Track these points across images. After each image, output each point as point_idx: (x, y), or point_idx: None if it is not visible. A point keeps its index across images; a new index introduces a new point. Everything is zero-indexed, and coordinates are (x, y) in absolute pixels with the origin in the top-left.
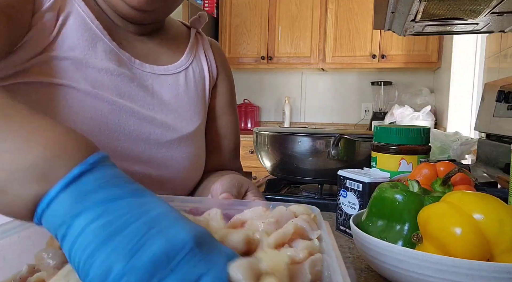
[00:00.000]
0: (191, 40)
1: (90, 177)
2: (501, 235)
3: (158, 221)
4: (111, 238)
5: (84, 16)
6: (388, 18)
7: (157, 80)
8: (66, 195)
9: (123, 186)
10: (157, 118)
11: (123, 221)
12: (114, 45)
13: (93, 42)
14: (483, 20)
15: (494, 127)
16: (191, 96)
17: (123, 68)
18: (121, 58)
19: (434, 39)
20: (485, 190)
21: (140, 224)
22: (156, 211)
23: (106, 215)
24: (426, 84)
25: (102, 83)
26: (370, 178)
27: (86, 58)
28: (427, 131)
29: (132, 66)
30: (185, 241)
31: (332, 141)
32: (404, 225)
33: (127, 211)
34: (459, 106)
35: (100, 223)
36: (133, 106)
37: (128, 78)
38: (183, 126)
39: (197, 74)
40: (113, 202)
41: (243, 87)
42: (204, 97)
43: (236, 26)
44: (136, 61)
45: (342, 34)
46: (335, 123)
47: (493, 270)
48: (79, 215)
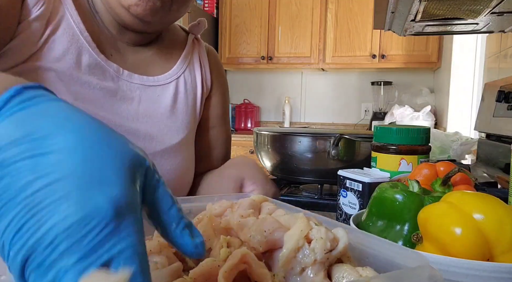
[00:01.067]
0: (187, 47)
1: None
2: (501, 235)
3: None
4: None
5: (74, 27)
6: (388, 18)
7: (146, 91)
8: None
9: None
10: (140, 131)
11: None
12: (102, 58)
13: (79, 55)
14: (483, 20)
15: (494, 127)
16: (179, 107)
17: (107, 82)
18: (107, 70)
19: (434, 39)
20: (485, 190)
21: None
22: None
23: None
24: (426, 84)
25: (84, 97)
26: (370, 178)
27: (70, 70)
28: (427, 131)
29: (119, 78)
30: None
31: (332, 141)
32: (404, 225)
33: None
34: (459, 106)
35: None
36: (115, 119)
37: (112, 92)
38: (167, 138)
39: (188, 83)
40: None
41: (243, 87)
42: (195, 107)
43: (236, 26)
44: (124, 72)
45: (342, 34)
46: (335, 123)
47: (493, 270)
48: None
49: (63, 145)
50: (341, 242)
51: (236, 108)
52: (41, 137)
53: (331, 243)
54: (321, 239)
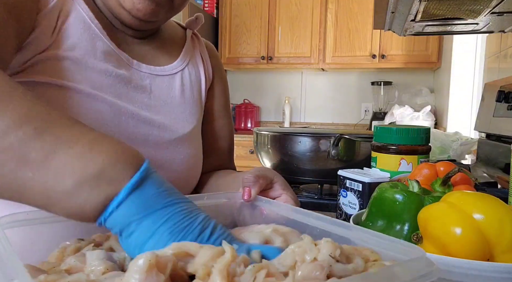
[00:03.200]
0: (187, 42)
1: (149, 183)
2: (501, 235)
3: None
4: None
5: (84, 15)
6: (388, 18)
7: (155, 81)
8: (134, 199)
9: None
10: (154, 120)
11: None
12: (113, 46)
13: (93, 42)
14: (483, 20)
15: (494, 127)
16: (186, 98)
17: (121, 69)
18: (120, 58)
19: (434, 39)
20: (485, 190)
21: (198, 224)
22: (202, 215)
23: (172, 219)
24: (426, 84)
25: (101, 85)
26: (370, 178)
27: (86, 58)
28: (427, 131)
29: (130, 67)
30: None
31: (332, 141)
32: (404, 225)
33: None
34: (459, 106)
35: (170, 225)
36: (131, 107)
37: (126, 79)
38: (179, 127)
39: (193, 76)
40: (172, 207)
41: (243, 87)
42: (200, 99)
43: (236, 26)
44: (134, 61)
45: (342, 34)
46: (335, 123)
47: (493, 270)
48: (148, 217)
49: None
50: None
51: (236, 108)
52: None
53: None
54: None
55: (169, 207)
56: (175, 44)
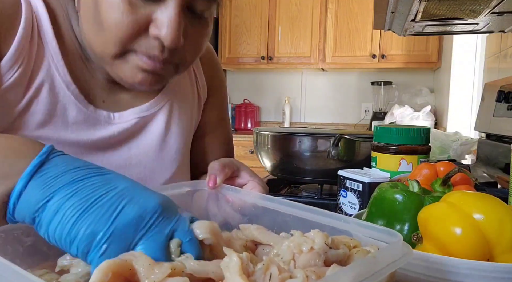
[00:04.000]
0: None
1: (50, 165)
2: (501, 235)
3: (127, 193)
4: (89, 210)
5: (59, 82)
6: (388, 18)
7: (138, 123)
8: (34, 185)
9: (84, 168)
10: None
11: (96, 196)
12: (91, 109)
13: (65, 114)
14: (483, 20)
15: (494, 127)
16: (174, 131)
17: (98, 132)
18: (97, 121)
19: (434, 39)
20: (485, 190)
21: (112, 196)
22: (123, 185)
23: (78, 194)
24: (426, 84)
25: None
26: (370, 178)
27: (57, 133)
28: (427, 131)
29: (111, 124)
30: (155, 206)
31: (332, 141)
32: (404, 225)
33: (96, 187)
34: (459, 106)
35: (75, 200)
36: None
37: (103, 142)
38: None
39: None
40: (81, 182)
41: (243, 87)
42: (190, 126)
43: (236, 26)
44: (115, 115)
45: (342, 34)
46: (335, 123)
47: (493, 270)
48: (52, 198)
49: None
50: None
51: (236, 108)
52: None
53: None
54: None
55: (75, 183)
56: None
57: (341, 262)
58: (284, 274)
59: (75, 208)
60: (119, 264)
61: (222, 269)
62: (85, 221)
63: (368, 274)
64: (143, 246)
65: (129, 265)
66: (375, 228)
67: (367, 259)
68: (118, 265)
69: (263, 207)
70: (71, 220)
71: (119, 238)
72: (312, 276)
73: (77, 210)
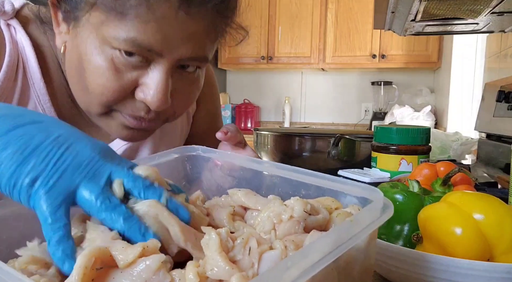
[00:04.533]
0: None
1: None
2: (501, 235)
3: (63, 140)
4: (28, 158)
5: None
6: (388, 18)
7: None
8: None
9: (19, 116)
10: None
11: (32, 145)
12: None
13: None
14: (483, 20)
15: (494, 127)
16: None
17: None
18: None
19: (434, 39)
20: (485, 190)
21: (48, 144)
22: (58, 132)
23: (13, 143)
24: (426, 84)
25: None
26: (370, 178)
27: None
28: (427, 131)
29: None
30: (92, 154)
31: (332, 141)
32: (404, 225)
33: (31, 136)
34: (459, 106)
35: (10, 152)
36: None
37: None
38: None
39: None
40: (14, 130)
41: (243, 87)
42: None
43: None
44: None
45: (342, 34)
46: (335, 123)
47: (493, 270)
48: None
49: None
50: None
51: (236, 108)
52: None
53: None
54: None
55: (6, 133)
56: None
57: (321, 227)
58: (263, 247)
59: (11, 159)
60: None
61: (203, 247)
62: (24, 170)
63: (345, 239)
64: (83, 188)
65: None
66: (358, 186)
67: (345, 224)
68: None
69: (251, 169)
70: (9, 170)
71: (58, 183)
72: (291, 246)
73: (14, 160)
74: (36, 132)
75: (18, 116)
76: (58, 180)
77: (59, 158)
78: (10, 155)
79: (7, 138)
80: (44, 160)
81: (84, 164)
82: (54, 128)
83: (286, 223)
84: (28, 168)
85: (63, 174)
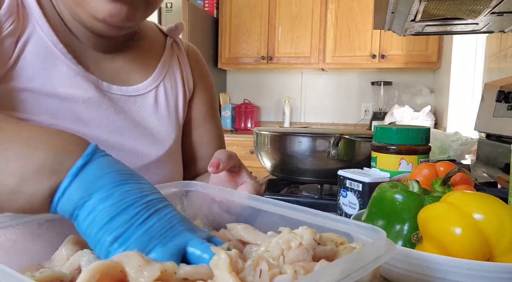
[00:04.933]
0: (166, 51)
1: (92, 166)
2: (501, 235)
3: (152, 204)
4: (118, 215)
5: (45, 40)
6: (388, 18)
7: (127, 102)
8: (77, 183)
9: (123, 173)
10: (125, 145)
11: (126, 203)
12: (80, 68)
13: (55, 68)
14: (483, 20)
15: (494, 128)
16: (162, 116)
17: (89, 93)
18: (88, 81)
19: (434, 39)
20: (485, 190)
21: (139, 205)
22: (151, 196)
23: (112, 198)
24: (426, 84)
25: (64, 113)
26: (370, 178)
27: (46, 87)
28: (427, 131)
29: (100, 89)
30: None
31: (332, 141)
32: (404, 225)
33: (128, 194)
34: (459, 106)
35: (108, 204)
36: (98, 133)
37: (95, 103)
38: (152, 151)
39: (169, 90)
40: (117, 187)
41: (243, 87)
42: (177, 115)
43: (236, 26)
44: (104, 83)
45: (342, 34)
46: (335, 123)
47: (493, 270)
48: (90, 198)
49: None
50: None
51: (236, 108)
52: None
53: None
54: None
55: (113, 187)
56: (152, 54)
57: (329, 258)
58: (274, 270)
59: (106, 212)
60: (109, 265)
61: (212, 268)
62: (112, 225)
63: (354, 269)
64: (156, 253)
65: (119, 267)
66: (360, 225)
67: (353, 255)
68: (107, 266)
69: (250, 207)
70: (100, 223)
71: (135, 243)
72: (301, 271)
73: (107, 214)
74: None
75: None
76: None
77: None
78: (104, 209)
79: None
80: (130, 220)
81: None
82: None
83: (295, 250)
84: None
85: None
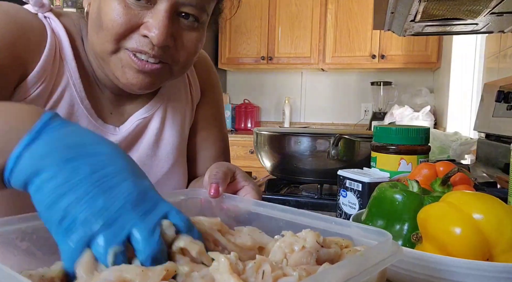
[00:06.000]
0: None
1: (41, 142)
2: (500, 235)
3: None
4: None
5: (75, 97)
6: (388, 18)
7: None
8: (24, 161)
9: (72, 147)
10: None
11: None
12: (99, 123)
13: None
14: (482, 20)
15: (493, 128)
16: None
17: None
18: (105, 133)
19: (434, 39)
20: (484, 190)
21: (86, 183)
22: (103, 170)
23: (57, 177)
24: (426, 84)
25: None
26: (370, 178)
27: None
28: (426, 131)
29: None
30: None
31: (332, 141)
32: (404, 225)
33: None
34: (459, 106)
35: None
36: None
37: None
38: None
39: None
40: (64, 164)
41: (243, 87)
42: (184, 123)
43: (236, 26)
44: (120, 128)
45: (342, 34)
46: (335, 123)
47: (492, 270)
48: (37, 176)
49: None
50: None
51: (236, 108)
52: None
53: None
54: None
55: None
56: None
57: (333, 261)
58: (277, 272)
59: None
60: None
61: (212, 273)
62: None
63: (358, 272)
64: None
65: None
66: (365, 228)
67: (357, 258)
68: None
69: (257, 213)
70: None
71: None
72: (303, 274)
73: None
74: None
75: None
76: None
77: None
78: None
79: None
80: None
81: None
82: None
83: (298, 253)
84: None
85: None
